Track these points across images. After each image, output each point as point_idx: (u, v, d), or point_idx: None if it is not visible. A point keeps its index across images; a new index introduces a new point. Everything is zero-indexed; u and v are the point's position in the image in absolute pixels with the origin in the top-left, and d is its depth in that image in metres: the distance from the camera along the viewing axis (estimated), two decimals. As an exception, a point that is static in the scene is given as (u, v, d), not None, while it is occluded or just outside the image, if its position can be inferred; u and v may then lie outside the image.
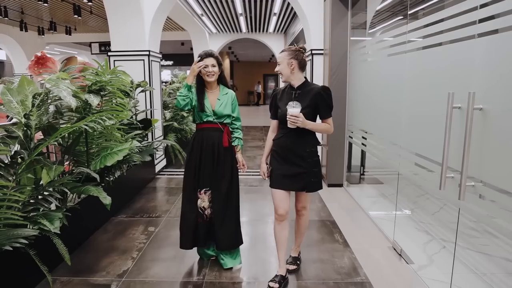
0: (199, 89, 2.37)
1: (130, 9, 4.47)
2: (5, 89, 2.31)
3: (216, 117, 2.37)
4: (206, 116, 2.35)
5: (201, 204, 2.41)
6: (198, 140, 2.39)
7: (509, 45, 1.59)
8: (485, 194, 1.75)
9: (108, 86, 2.96)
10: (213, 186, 2.40)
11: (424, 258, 2.60)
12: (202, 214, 2.42)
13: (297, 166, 2.16)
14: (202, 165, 2.38)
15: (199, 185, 2.40)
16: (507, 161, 1.59)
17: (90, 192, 2.59)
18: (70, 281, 2.28)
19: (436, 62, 2.22)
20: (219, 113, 2.37)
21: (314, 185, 2.21)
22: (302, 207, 2.34)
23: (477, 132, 1.74)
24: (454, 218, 3.10)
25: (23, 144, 2.35)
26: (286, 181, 2.18)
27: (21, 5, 8.04)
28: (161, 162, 5.24)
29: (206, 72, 2.30)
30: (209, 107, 2.36)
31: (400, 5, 3.57)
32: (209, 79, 2.32)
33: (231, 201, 2.43)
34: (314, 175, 2.18)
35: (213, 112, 2.36)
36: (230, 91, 2.46)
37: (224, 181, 2.40)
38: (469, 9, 1.79)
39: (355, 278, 2.33)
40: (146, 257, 2.62)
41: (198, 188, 2.40)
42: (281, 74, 2.19)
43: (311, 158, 2.17)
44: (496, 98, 1.66)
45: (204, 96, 2.37)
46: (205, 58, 2.30)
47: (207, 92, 2.40)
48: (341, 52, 4.14)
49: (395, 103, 2.85)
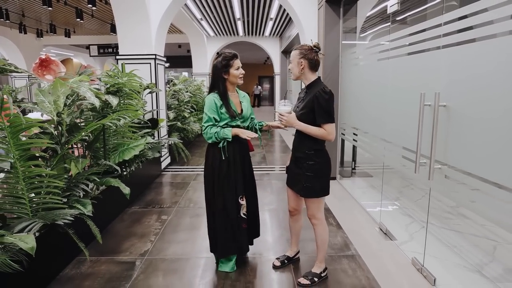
0: (223, 93, 2.25)
1: (138, 15, 4.80)
2: (38, 90, 2.64)
3: (242, 121, 2.33)
4: (235, 121, 2.27)
5: (243, 210, 2.37)
6: (230, 147, 2.29)
7: (465, 55, 1.97)
8: (450, 175, 2.12)
9: (125, 87, 3.30)
10: (248, 190, 2.44)
11: (406, 235, 2.98)
12: (246, 219, 2.40)
13: (297, 168, 2.18)
14: (238, 171, 2.34)
15: (240, 191, 2.35)
16: (465, 147, 1.97)
17: (111, 183, 2.93)
18: (99, 260, 2.62)
19: (412, 68, 2.60)
20: (246, 116, 2.34)
21: (305, 190, 2.14)
22: (310, 215, 2.23)
23: (442, 125, 2.12)
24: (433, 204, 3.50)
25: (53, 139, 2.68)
26: (290, 180, 2.29)
27: (22, 8, 8.30)
28: (166, 159, 5.58)
29: (239, 74, 2.25)
30: (236, 111, 2.28)
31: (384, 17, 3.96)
32: (241, 81, 2.29)
33: (256, 199, 2.55)
34: (306, 179, 2.12)
35: (241, 116, 2.32)
36: (244, 92, 2.47)
37: (253, 182, 2.51)
38: (435, 25, 2.17)
39: (346, 252, 2.70)
40: (163, 240, 2.96)
41: (239, 194, 2.35)
42: (291, 72, 2.17)
43: (306, 161, 2.12)
44: (456, 97, 2.04)
45: (230, 102, 2.26)
46: (235, 60, 2.22)
47: (230, 95, 2.30)
48: (333, 56, 4.52)
49: (381, 103, 3.23)
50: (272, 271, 2.46)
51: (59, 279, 2.34)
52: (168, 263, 2.57)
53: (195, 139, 8.09)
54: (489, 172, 1.81)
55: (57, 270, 2.40)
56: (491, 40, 1.77)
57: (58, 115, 2.61)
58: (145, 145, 3.53)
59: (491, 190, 1.81)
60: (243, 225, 2.37)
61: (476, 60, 1.87)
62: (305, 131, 2.08)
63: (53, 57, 3.20)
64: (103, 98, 3.11)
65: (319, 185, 2.13)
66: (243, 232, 2.38)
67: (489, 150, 1.80)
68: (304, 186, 2.13)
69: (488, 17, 1.77)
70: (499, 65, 1.71)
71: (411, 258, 2.56)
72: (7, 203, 2.13)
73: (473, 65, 1.89)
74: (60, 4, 7.60)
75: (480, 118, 1.85)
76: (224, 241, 2.36)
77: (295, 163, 2.21)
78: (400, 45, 2.79)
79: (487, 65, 1.78)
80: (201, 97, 8.14)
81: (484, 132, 1.82)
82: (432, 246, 2.71)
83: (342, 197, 4.07)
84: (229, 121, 2.24)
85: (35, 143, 2.21)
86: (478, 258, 2.63)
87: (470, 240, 2.92)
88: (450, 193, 2.19)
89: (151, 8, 4.88)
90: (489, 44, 1.79)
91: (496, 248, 2.80)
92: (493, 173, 1.78)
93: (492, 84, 1.75)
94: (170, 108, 6.33)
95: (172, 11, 5.22)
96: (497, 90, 1.72)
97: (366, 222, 3.31)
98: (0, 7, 7.77)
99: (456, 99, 2.04)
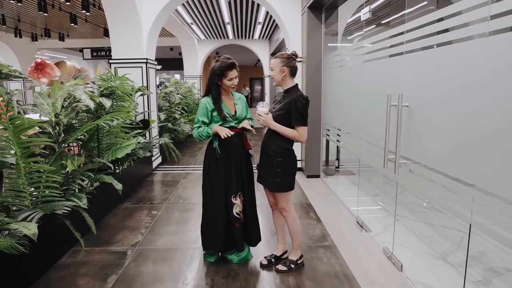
0: (216, 97, 2.38)
1: (130, 21, 4.99)
2: (37, 93, 2.83)
3: (237, 122, 2.42)
4: (228, 122, 2.38)
5: (236, 209, 2.43)
6: (222, 146, 2.38)
7: (423, 60, 2.21)
8: (413, 169, 2.36)
9: (118, 90, 3.49)
10: (245, 189, 2.49)
11: (381, 228, 3.22)
12: (239, 219, 2.45)
13: (267, 164, 2.32)
14: (232, 170, 2.41)
15: (232, 190, 2.42)
16: (424, 142, 2.21)
17: (104, 180, 3.11)
18: (92, 250, 2.80)
19: (381, 72, 2.85)
20: (240, 117, 2.42)
21: (274, 184, 2.30)
22: (281, 208, 2.41)
23: (405, 123, 2.36)
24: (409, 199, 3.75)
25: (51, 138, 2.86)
26: (260, 177, 2.42)
27: (18, 13, 8.45)
28: (157, 159, 5.76)
29: (231, 84, 2.36)
30: (229, 113, 2.39)
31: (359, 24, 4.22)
32: (233, 90, 2.44)
33: (254, 200, 2.58)
34: (275, 174, 2.27)
35: (235, 117, 2.41)
36: (241, 95, 2.54)
37: (252, 183, 2.55)
38: (398, 33, 2.42)
39: (323, 242, 2.93)
40: (153, 232, 3.15)
41: (231, 193, 2.42)
42: (273, 78, 2.31)
43: (276, 158, 2.27)
44: (416, 98, 2.28)
45: (222, 104, 2.38)
46: (230, 72, 2.32)
47: (224, 99, 2.42)
48: (316, 59, 4.76)
49: (357, 104, 3.47)
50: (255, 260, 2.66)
51: (57, 266, 2.52)
52: (158, 253, 2.76)
53: (186, 139, 8.27)
54: (445, 165, 2.03)
55: (54, 259, 2.58)
56: (446, 47, 2.01)
57: (56, 116, 2.79)
58: (137, 145, 3.72)
59: (448, 183, 2.03)
60: (235, 224, 2.42)
61: (433, 64, 2.11)
62: (279, 131, 2.24)
63: (47, 61, 3.38)
64: (97, 100, 3.29)
65: (286, 180, 2.30)
66: (237, 231, 2.44)
67: (444, 145, 2.03)
68: (273, 181, 2.29)
69: (444, 25, 2.00)
70: (452, 69, 1.94)
71: (383, 247, 2.79)
72: (9, 196, 2.31)
73: (430, 69, 2.13)
74: (55, 9, 7.75)
75: (436, 117, 2.08)
76: (207, 237, 2.51)
77: (265, 160, 2.34)
78: (371, 50, 3.03)
79: (442, 69, 2.02)
80: (192, 99, 8.33)
81: (440, 129, 2.06)
82: (404, 236, 2.95)
83: (324, 193, 4.30)
84: (223, 123, 2.35)
85: (35, 142, 2.39)
86: (444, 247, 2.88)
87: (440, 231, 3.16)
88: (414, 186, 2.43)
89: (142, 14, 5.08)
90: (444, 51, 2.03)
91: (463, 238, 3.05)
92: (448, 167, 2.00)
93: (446, 86, 1.99)
94: (161, 109, 6.51)
95: (163, 17, 5.42)
96: (450, 91, 1.96)
97: (344, 216, 3.54)
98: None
99: (416, 100, 2.28)
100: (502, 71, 1.53)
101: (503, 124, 1.53)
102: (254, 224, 2.58)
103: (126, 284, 2.31)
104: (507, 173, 1.51)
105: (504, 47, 1.53)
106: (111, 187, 3.06)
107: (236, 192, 2.43)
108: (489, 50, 1.60)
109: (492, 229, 1.69)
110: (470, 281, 2.33)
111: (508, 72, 1.49)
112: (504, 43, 1.53)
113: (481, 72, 1.65)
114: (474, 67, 1.71)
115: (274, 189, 2.32)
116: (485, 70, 1.62)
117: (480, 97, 1.66)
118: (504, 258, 2.64)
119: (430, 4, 3.22)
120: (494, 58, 1.57)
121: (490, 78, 1.59)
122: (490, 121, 1.60)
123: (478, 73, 1.67)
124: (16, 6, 7.27)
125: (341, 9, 4.49)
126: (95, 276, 2.40)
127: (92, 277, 2.39)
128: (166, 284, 2.31)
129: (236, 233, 2.44)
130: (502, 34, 1.54)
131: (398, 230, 2.77)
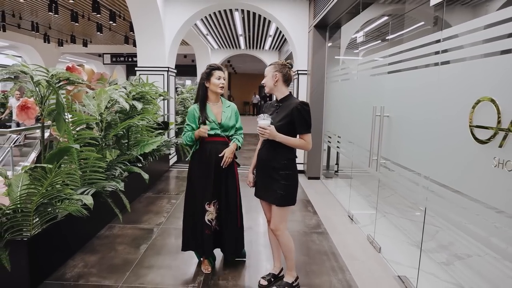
0: (202, 102, 2.41)
1: (155, 33, 5.63)
2: (85, 96, 3.43)
3: (223, 130, 2.42)
4: (213, 129, 2.38)
5: (208, 216, 2.42)
6: (205, 153, 2.39)
7: (399, 80, 2.76)
8: (391, 168, 2.89)
9: (147, 95, 4.09)
10: (222, 198, 2.46)
11: (368, 221, 3.74)
12: (210, 226, 2.44)
13: (271, 178, 2.19)
14: (211, 178, 2.39)
15: (207, 198, 2.41)
16: (400, 146, 2.74)
17: (134, 170, 3.70)
18: (125, 227, 3.37)
19: (369, 87, 3.39)
20: (226, 125, 2.42)
21: (282, 198, 2.16)
22: (273, 227, 2.24)
23: (386, 130, 2.90)
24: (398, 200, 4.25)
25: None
26: (261, 192, 2.29)
27: (49, 22, 9.23)
28: (173, 158, 6.35)
29: (220, 84, 2.39)
30: (215, 120, 2.39)
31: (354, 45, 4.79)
32: (221, 91, 2.42)
33: (234, 209, 2.52)
34: (280, 187, 2.15)
35: (220, 124, 2.41)
36: (231, 103, 2.54)
37: (233, 192, 2.49)
38: (384, 56, 2.97)
39: (317, 230, 3.46)
40: (174, 216, 3.71)
41: (206, 200, 2.41)
42: (265, 85, 2.23)
43: (284, 171, 2.16)
44: (395, 109, 2.82)
45: (206, 109, 2.39)
46: (217, 71, 2.39)
47: (211, 105, 2.43)
48: (320, 73, 5.32)
49: (351, 113, 4.01)
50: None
51: (98, 236, 3.11)
52: (178, 231, 3.28)
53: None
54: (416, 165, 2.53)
55: (96, 231, 3.17)
56: (413, 71, 2.55)
57: (100, 115, 3.39)
58: (161, 142, 4.31)
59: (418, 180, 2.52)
60: (205, 231, 2.42)
61: (406, 83, 2.65)
62: (285, 143, 2.12)
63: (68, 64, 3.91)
64: (130, 102, 3.89)
65: (291, 193, 2.20)
66: (206, 237, 2.43)
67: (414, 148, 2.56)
68: (281, 195, 2.16)
69: (412, 54, 2.54)
70: (417, 88, 2.48)
71: (367, 234, 3.31)
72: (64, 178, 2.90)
73: (404, 86, 2.67)
74: (84, 19, 8.49)
75: (409, 124, 2.61)
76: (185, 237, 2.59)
77: (267, 174, 2.22)
78: (363, 69, 3.59)
79: (411, 87, 2.55)
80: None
81: (412, 135, 2.59)
82: (387, 228, 3.47)
83: (322, 192, 4.83)
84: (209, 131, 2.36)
85: (86, 134, 2.98)
86: (420, 237, 3.38)
87: (419, 226, 3.66)
88: (392, 183, 2.95)
89: (166, 27, 5.71)
90: (412, 74, 2.57)
91: (438, 231, 3.55)
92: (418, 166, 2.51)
93: (414, 101, 2.52)
94: (177, 113, 7.12)
95: (184, 29, 6.06)
96: (416, 105, 2.49)
97: (338, 211, 4.06)
98: (32, 21, 8.74)
99: (394, 111, 2.82)
100: (449, 91, 2.07)
101: (452, 130, 2.06)
102: (231, 235, 2.51)
103: (155, 251, 2.88)
104: (452, 167, 2.04)
105: (450, 74, 2.07)
106: (137, 178, 3.63)
107: (211, 199, 2.42)
108: (440, 75, 2.14)
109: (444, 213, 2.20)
110: (435, 262, 2.84)
111: (453, 93, 2.03)
112: (450, 70, 2.07)
113: (435, 92, 2.19)
114: (431, 87, 2.25)
115: (280, 203, 2.18)
116: (438, 91, 2.16)
117: (435, 110, 2.20)
118: (469, 247, 3.14)
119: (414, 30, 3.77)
120: (443, 82, 2.11)
121: (441, 97, 2.13)
122: (442, 127, 2.14)
123: (434, 93, 2.21)
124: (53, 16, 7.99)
125: (344, 28, 5.06)
126: (130, 244, 2.97)
127: (127, 245, 2.96)
128: (186, 253, 2.86)
129: (205, 238, 2.44)
130: (450, 64, 2.09)
131: (383, 223, 3.29)
